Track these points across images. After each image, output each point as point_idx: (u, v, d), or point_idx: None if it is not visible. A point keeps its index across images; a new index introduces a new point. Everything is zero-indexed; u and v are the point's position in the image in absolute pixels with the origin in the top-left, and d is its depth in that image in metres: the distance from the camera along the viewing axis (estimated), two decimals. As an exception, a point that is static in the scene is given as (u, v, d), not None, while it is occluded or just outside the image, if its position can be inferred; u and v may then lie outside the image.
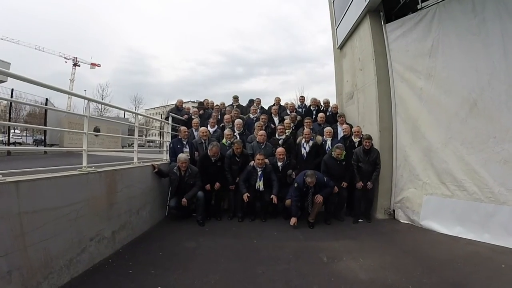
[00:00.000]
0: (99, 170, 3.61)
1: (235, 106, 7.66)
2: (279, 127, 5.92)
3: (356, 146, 5.73)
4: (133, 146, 5.23)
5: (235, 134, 6.04)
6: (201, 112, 7.47)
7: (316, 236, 4.67)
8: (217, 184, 5.40)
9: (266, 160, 5.39)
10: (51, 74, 51.81)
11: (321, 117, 6.58)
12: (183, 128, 5.77)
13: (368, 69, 6.35)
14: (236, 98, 8.10)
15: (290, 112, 7.16)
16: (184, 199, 4.95)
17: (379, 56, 6.10)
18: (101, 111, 27.93)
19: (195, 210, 5.19)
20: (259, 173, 5.22)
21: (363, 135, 5.77)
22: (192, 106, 8.15)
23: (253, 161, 5.38)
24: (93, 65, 52.20)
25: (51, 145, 12.96)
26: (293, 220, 4.97)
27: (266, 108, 7.71)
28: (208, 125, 6.36)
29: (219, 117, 7.04)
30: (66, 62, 48.92)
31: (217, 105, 7.80)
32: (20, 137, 25.22)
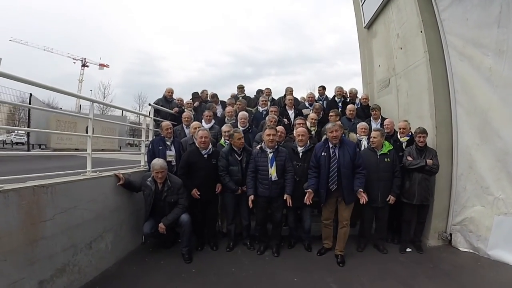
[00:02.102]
0: (6, 187, 2.19)
1: (240, 98, 6.14)
2: (298, 121, 4.34)
3: (404, 148, 4.16)
4: (133, 147, 3.78)
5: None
6: (196, 104, 5.99)
7: (354, 282, 3.13)
8: (219, 186, 3.92)
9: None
10: (61, 75, 51.64)
11: (351, 110, 5.01)
12: (165, 123, 4.29)
13: (414, 45, 4.81)
14: (241, 88, 6.55)
15: (310, 104, 5.62)
16: (161, 225, 3.51)
17: (428, 28, 4.57)
18: (103, 110, 26.82)
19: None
20: (270, 155, 3.69)
21: (411, 132, 4.23)
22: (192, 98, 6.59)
23: (259, 143, 3.92)
24: (102, 65, 51.82)
25: (39, 146, 11.82)
26: (308, 195, 3.46)
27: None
28: (203, 120, 4.88)
29: (217, 111, 5.56)
30: (74, 63, 48.61)
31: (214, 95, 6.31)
32: (22, 137, 24.52)
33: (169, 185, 3.54)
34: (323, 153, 3.54)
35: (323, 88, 6.31)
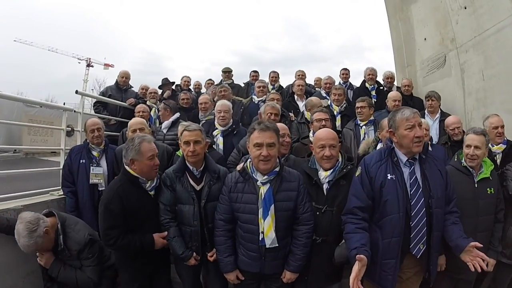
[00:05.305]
0: None
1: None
2: (317, 115, 2.45)
3: (499, 162, 2.38)
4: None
5: (212, 134, 2.80)
6: (166, 94, 4.29)
7: None
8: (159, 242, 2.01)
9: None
10: (67, 75, 51.52)
11: (396, 99, 3.25)
12: (90, 121, 2.62)
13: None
14: (227, 73, 4.71)
15: (327, 93, 3.91)
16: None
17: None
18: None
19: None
20: (263, 190, 1.73)
21: (507, 138, 2.46)
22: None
23: (244, 160, 2.02)
24: (107, 65, 51.28)
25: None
26: (358, 272, 1.38)
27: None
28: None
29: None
30: (79, 63, 48.05)
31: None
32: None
33: (62, 247, 1.87)
34: (389, 176, 1.63)
35: (347, 71, 4.52)
